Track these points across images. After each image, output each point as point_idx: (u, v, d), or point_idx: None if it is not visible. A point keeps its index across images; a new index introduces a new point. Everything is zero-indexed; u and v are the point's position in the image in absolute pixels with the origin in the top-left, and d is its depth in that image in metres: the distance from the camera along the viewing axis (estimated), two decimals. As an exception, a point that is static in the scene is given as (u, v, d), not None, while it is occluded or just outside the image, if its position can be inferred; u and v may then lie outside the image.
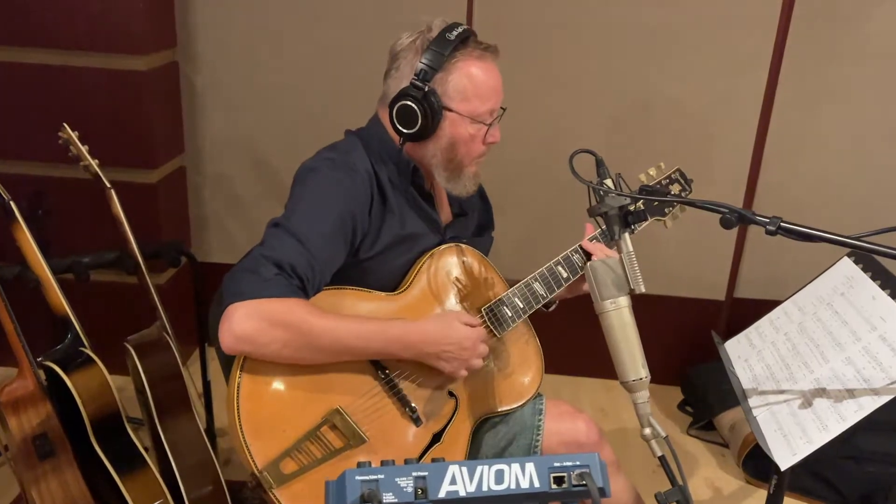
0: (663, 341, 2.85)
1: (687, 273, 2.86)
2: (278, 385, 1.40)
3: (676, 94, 2.67)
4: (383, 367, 1.49)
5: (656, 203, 1.72)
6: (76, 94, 2.50)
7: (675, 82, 2.66)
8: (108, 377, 1.77)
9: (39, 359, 1.76)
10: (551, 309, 1.80)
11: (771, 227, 1.19)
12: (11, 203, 1.78)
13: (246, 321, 1.32)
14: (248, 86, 2.75)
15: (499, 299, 1.63)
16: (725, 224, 1.22)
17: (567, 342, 2.42)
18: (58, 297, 1.81)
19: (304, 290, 1.39)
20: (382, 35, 2.65)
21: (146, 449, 1.85)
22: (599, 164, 1.36)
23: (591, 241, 1.69)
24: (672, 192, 1.76)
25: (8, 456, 1.82)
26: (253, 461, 1.35)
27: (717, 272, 2.88)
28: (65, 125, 1.97)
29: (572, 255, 1.68)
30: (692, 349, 2.87)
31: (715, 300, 2.90)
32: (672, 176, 1.79)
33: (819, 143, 2.71)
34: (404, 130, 1.50)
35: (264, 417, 1.38)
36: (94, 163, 1.96)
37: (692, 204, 1.26)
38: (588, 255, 1.68)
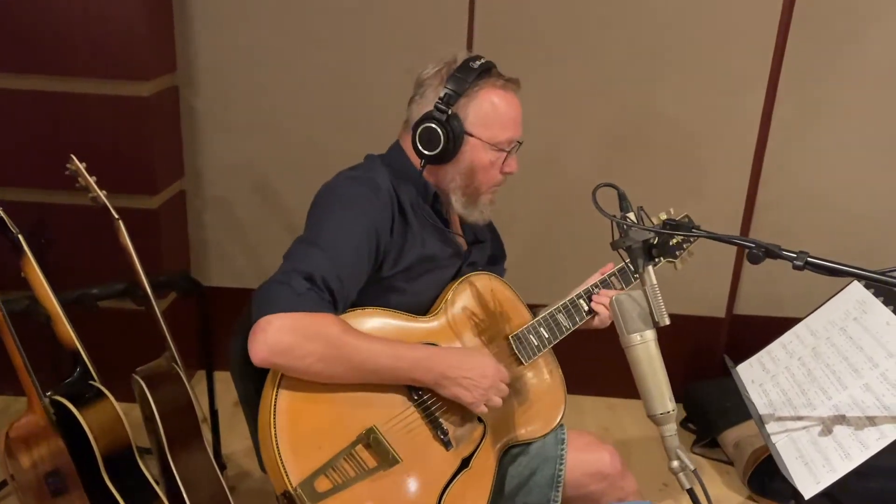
0: (664, 359, 2.86)
1: (686, 290, 2.87)
2: (316, 401, 1.39)
3: (675, 113, 2.70)
4: (416, 388, 1.49)
5: (673, 242, 1.73)
6: (78, 121, 2.48)
7: (674, 101, 2.68)
8: (120, 411, 1.76)
9: (49, 393, 1.74)
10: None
11: (798, 262, 1.20)
12: (20, 237, 1.77)
13: (281, 334, 1.32)
14: (248, 109, 2.74)
15: (526, 327, 1.65)
16: (752, 259, 1.22)
17: (569, 362, 2.42)
18: (68, 331, 1.79)
19: (335, 303, 1.40)
20: (383, 58, 2.68)
21: (156, 481, 1.83)
22: (622, 197, 1.36)
23: (602, 283, 1.73)
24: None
25: (14, 486, 1.80)
26: (287, 478, 1.33)
27: (716, 289, 2.89)
28: (73, 157, 1.94)
29: (594, 290, 1.71)
30: (693, 366, 2.89)
31: (715, 317, 2.92)
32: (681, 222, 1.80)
33: (817, 161, 2.75)
34: (426, 152, 1.53)
35: (302, 433, 1.37)
36: (101, 194, 1.94)
37: (718, 239, 1.27)
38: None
